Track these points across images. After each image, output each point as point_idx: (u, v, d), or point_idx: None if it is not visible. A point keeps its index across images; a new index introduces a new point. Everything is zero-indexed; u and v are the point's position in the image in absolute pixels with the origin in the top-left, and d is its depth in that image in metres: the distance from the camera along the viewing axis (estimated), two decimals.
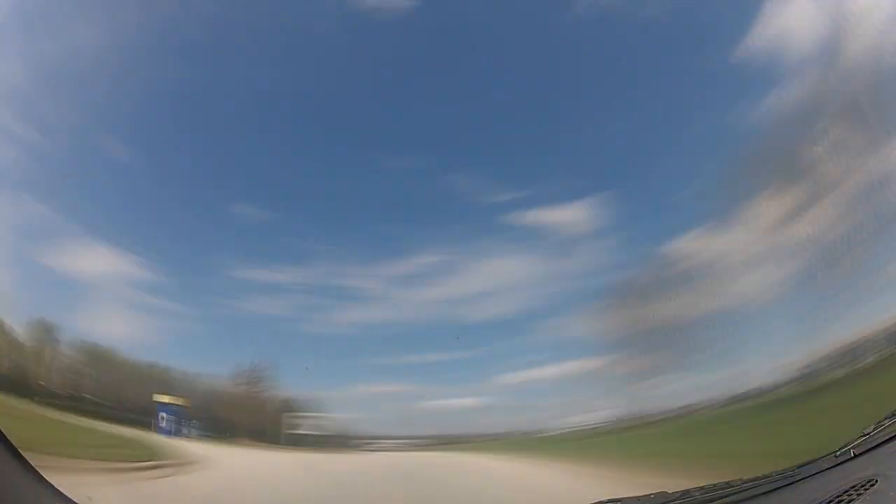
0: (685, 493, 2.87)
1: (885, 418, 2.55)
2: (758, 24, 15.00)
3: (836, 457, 2.61)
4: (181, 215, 19.84)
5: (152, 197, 19.04)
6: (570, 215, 18.33)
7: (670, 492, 2.89)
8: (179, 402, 19.63)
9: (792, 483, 2.64)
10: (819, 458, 2.67)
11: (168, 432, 18.59)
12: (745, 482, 2.79)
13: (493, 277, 20.27)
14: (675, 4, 16.08)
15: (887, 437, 2.48)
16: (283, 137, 19.68)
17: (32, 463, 2.18)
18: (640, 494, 2.99)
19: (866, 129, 12.98)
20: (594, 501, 2.92)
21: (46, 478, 2.22)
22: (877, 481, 2.12)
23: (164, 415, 19.07)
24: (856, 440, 2.59)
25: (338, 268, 20.68)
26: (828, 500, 2.21)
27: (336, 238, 20.72)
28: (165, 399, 19.43)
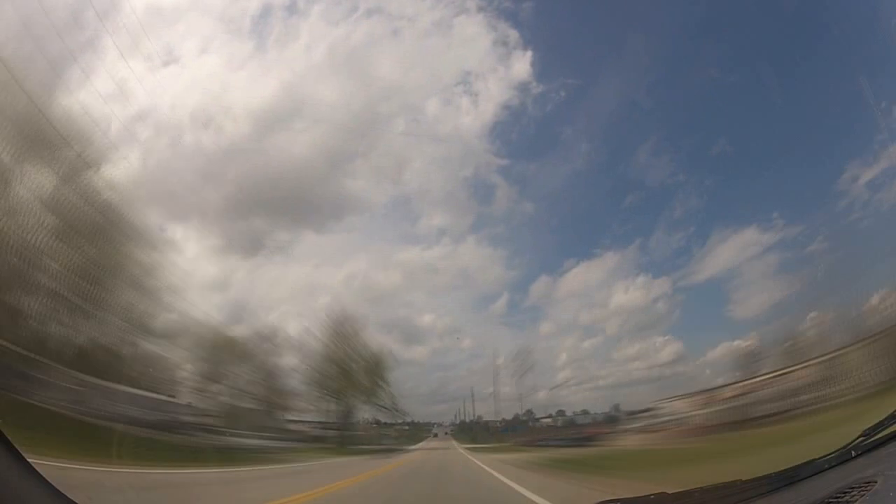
0: (685, 493, 2.87)
1: (886, 418, 2.55)
2: None
3: (836, 457, 2.61)
4: None
5: None
6: None
7: (670, 492, 2.90)
8: None
9: (792, 483, 2.64)
10: (819, 458, 2.67)
11: None
12: (745, 482, 2.80)
13: None
14: None
15: (887, 437, 2.48)
16: None
17: (32, 463, 2.19)
18: (640, 494, 2.99)
19: None
20: (594, 502, 2.92)
21: (46, 478, 2.22)
22: (877, 481, 2.12)
23: None
24: (856, 440, 2.59)
25: None
26: (828, 500, 2.21)
27: None
28: None
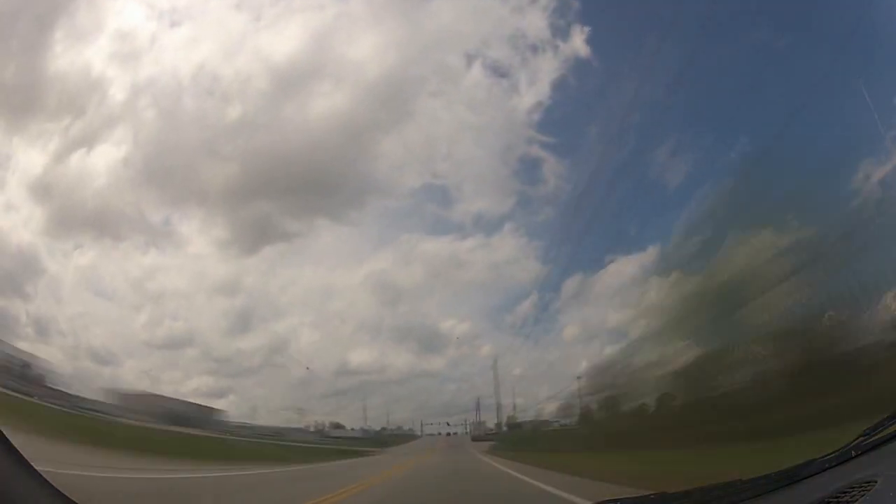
0: (685, 493, 2.88)
1: (886, 418, 2.55)
2: None
3: (836, 457, 2.61)
4: None
5: None
6: None
7: (670, 492, 2.90)
8: None
9: (792, 483, 2.64)
10: (819, 458, 2.67)
11: None
12: (745, 482, 2.80)
13: None
14: None
15: (887, 437, 2.48)
16: None
17: (32, 463, 2.19)
18: (640, 494, 2.99)
19: None
20: (594, 501, 2.92)
21: (46, 478, 2.22)
22: (877, 481, 2.12)
23: None
24: (856, 440, 2.59)
25: None
26: (828, 500, 2.21)
27: None
28: None
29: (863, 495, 2.07)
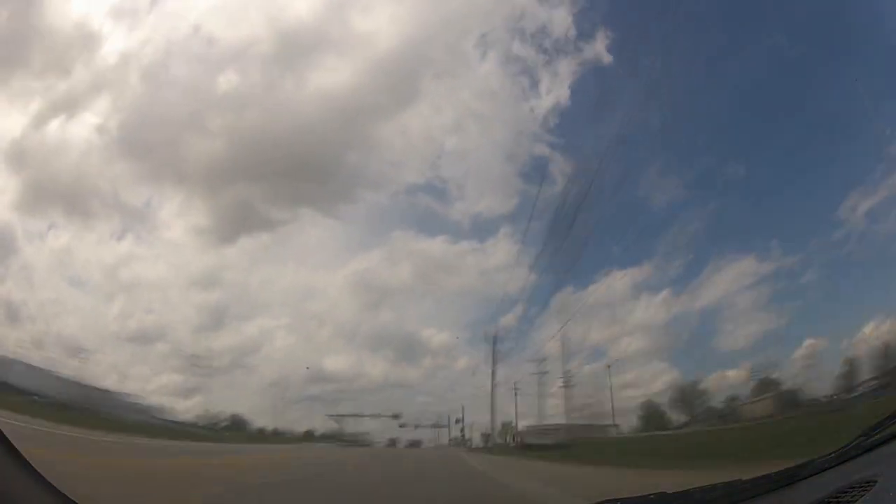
0: (685, 493, 2.88)
1: (885, 418, 2.55)
2: None
3: (836, 457, 2.61)
4: None
5: None
6: None
7: (670, 492, 2.89)
8: None
9: (792, 483, 2.64)
10: (819, 458, 2.67)
11: None
12: (745, 482, 2.80)
13: None
14: None
15: (887, 437, 2.48)
16: None
17: (32, 463, 2.19)
18: (640, 494, 2.99)
19: None
20: (594, 501, 2.92)
21: (46, 478, 2.22)
22: (877, 481, 2.12)
23: None
24: (856, 440, 2.59)
25: None
26: (828, 500, 2.21)
27: None
28: None
29: (863, 495, 2.08)
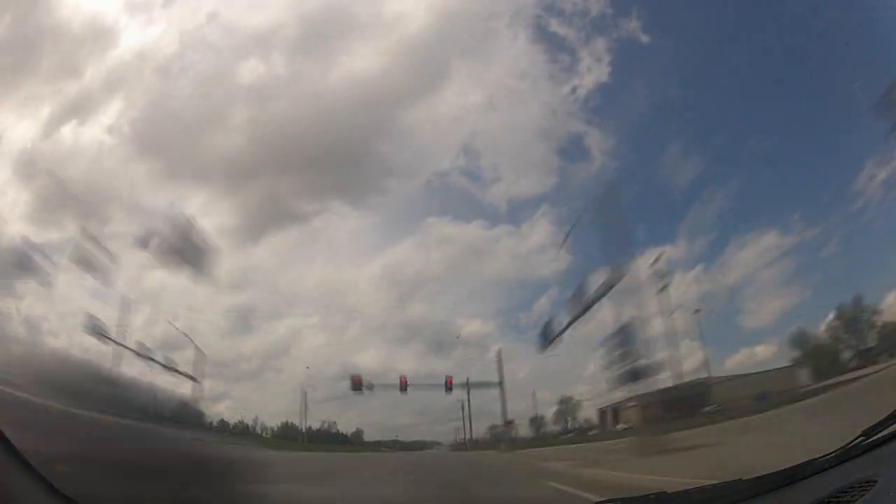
0: (685, 493, 2.88)
1: (886, 418, 2.55)
2: None
3: (836, 457, 2.61)
4: None
5: None
6: None
7: (670, 492, 2.90)
8: None
9: (792, 483, 2.64)
10: (819, 458, 2.67)
11: None
12: (745, 482, 2.80)
13: None
14: None
15: (887, 437, 2.48)
16: None
17: (32, 463, 2.19)
18: (640, 494, 2.99)
19: None
20: (594, 501, 2.92)
21: (47, 478, 2.22)
22: (877, 481, 2.12)
23: None
24: (856, 440, 2.59)
25: None
26: (828, 500, 2.21)
27: None
28: None
29: (863, 495, 2.08)
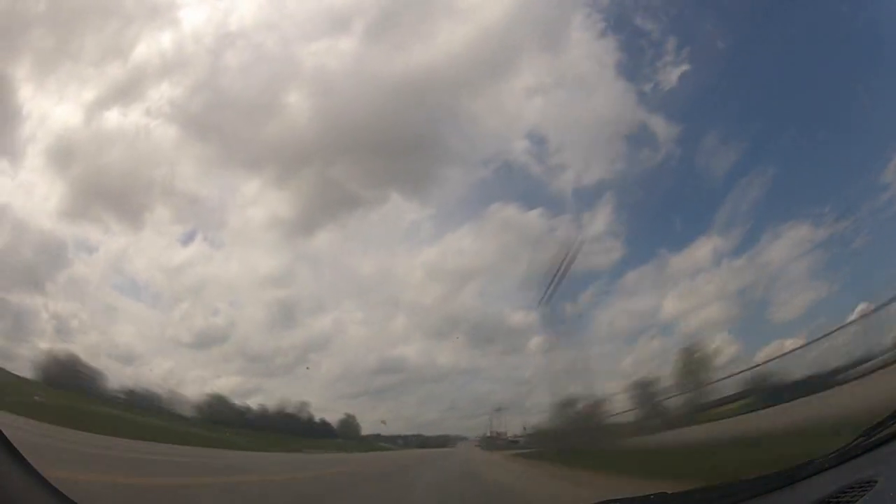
0: (685, 493, 2.88)
1: (886, 418, 2.55)
2: None
3: (836, 457, 2.61)
4: None
5: None
6: None
7: (670, 492, 2.90)
8: None
9: (792, 483, 2.64)
10: (819, 458, 2.67)
11: None
12: (746, 482, 2.80)
13: None
14: None
15: (887, 437, 2.48)
16: None
17: (32, 463, 2.19)
18: (640, 494, 3.00)
19: None
20: (594, 502, 2.92)
21: (46, 478, 2.22)
22: (877, 481, 2.12)
23: None
24: (856, 440, 2.59)
25: None
26: (828, 500, 2.21)
27: None
28: None
29: (863, 495, 2.07)
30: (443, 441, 39.90)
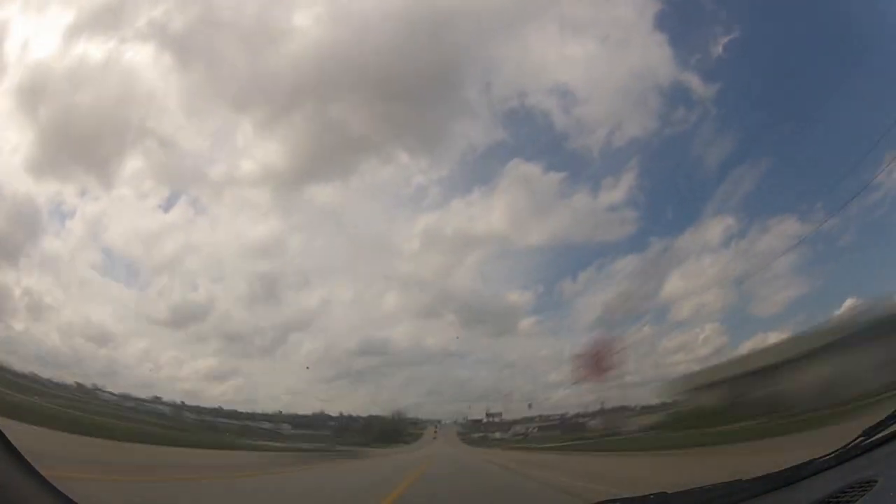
0: (685, 493, 2.88)
1: (886, 418, 2.55)
2: None
3: (836, 457, 2.61)
4: None
5: None
6: None
7: (670, 492, 2.89)
8: None
9: (792, 483, 2.64)
10: (819, 458, 2.67)
11: None
12: (745, 482, 2.80)
13: None
14: None
15: (887, 437, 2.48)
16: None
17: (32, 463, 2.19)
18: (640, 494, 2.99)
19: None
20: (594, 502, 2.92)
21: (47, 478, 2.22)
22: (877, 481, 2.12)
23: None
24: (856, 440, 2.59)
25: None
26: (828, 500, 2.21)
27: None
28: None
29: (863, 495, 2.07)
30: (422, 424, 38.90)
